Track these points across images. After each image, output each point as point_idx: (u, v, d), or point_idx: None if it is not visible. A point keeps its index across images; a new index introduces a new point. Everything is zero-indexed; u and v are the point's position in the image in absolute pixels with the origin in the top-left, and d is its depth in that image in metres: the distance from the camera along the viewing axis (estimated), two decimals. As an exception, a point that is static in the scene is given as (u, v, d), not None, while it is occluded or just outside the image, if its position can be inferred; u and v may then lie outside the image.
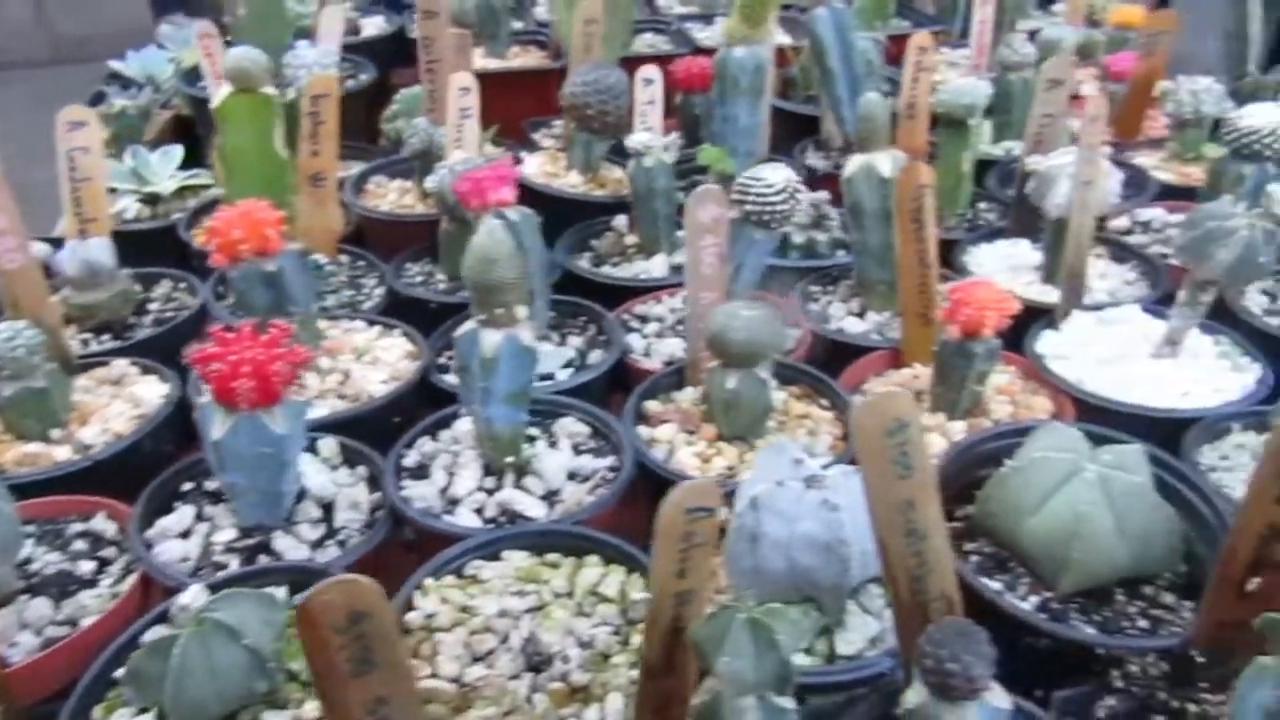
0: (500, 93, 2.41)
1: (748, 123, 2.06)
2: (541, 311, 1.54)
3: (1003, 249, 1.77)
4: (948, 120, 1.84)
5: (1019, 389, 1.42)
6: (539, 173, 2.05)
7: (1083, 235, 1.47)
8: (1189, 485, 1.15)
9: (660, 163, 1.77)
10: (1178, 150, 2.06)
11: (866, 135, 1.53)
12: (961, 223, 1.92)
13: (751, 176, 1.42)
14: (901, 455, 0.85)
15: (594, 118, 1.96)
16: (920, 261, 1.44)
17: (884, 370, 1.50)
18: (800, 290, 1.69)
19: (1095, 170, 1.43)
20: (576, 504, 1.19)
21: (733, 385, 1.27)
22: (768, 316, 1.26)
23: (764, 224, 1.43)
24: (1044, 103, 1.67)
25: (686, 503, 0.77)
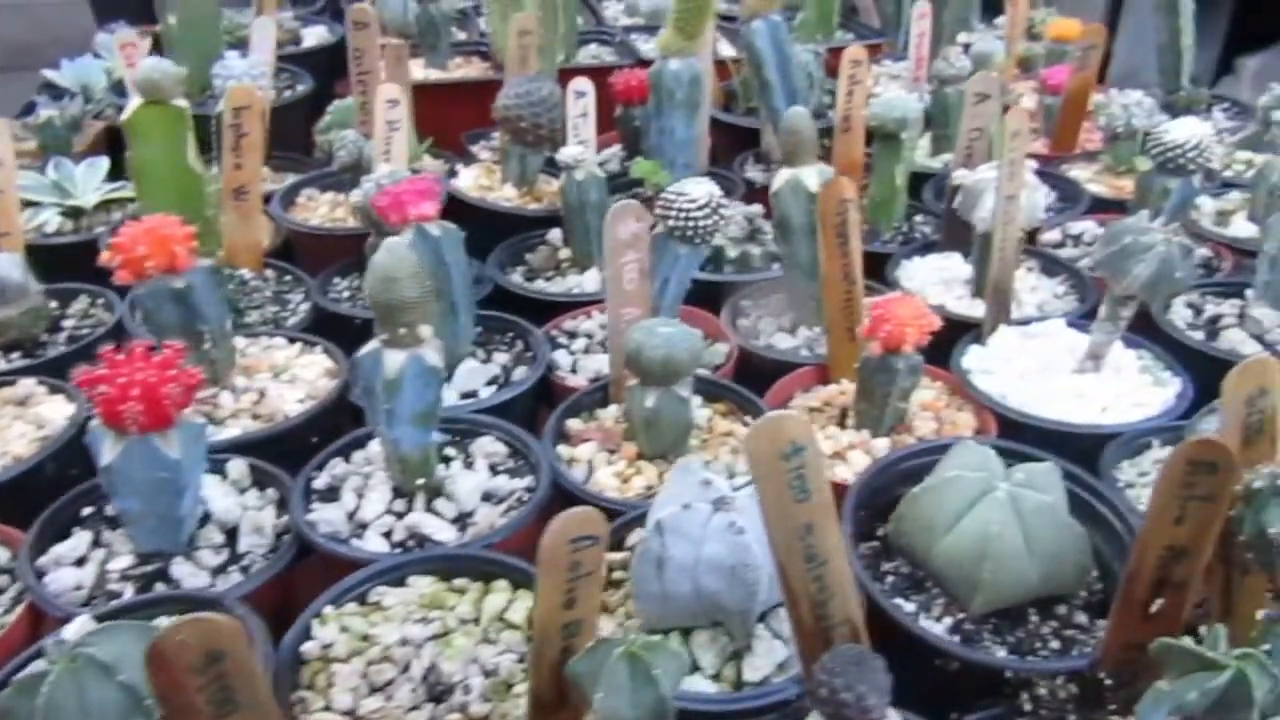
0: (440, 104, 2.40)
1: (685, 135, 2.05)
2: (467, 328, 1.51)
3: (935, 262, 1.76)
4: (881, 134, 1.84)
5: (944, 405, 1.42)
6: (473, 186, 2.02)
7: (1007, 250, 1.47)
8: (1105, 502, 1.15)
9: (592, 176, 1.75)
10: (1111, 163, 2.07)
11: (792, 149, 1.53)
12: (897, 236, 1.92)
13: (675, 191, 1.40)
14: (798, 479, 0.83)
15: (527, 130, 1.94)
16: (845, 276, 1.43)
17: (811, 386, 1.49)
18: (732, 305, 1.68)
19: (1018, 184, 1.43)
20: (489, 527, 1.17)
21: (652, 404, 1.25)
22: (686, 334, 1.24)
23: (687, 239, 1.41)
24: (972, 116, 1.67)
25: (569, 532, 0.75)
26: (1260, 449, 0.92)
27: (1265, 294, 1.49)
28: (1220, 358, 1.42)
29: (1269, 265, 1.48)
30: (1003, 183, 1.41)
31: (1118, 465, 1.26)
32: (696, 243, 1.42)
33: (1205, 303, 1.59)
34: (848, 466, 1.31)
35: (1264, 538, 0.87)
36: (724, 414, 1.41)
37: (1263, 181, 1.76)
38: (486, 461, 1.28)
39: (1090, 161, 2.14)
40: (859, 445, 1.34)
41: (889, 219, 1.90)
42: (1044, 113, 2.29)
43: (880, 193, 1.89)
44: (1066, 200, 2.00)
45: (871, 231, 1.92)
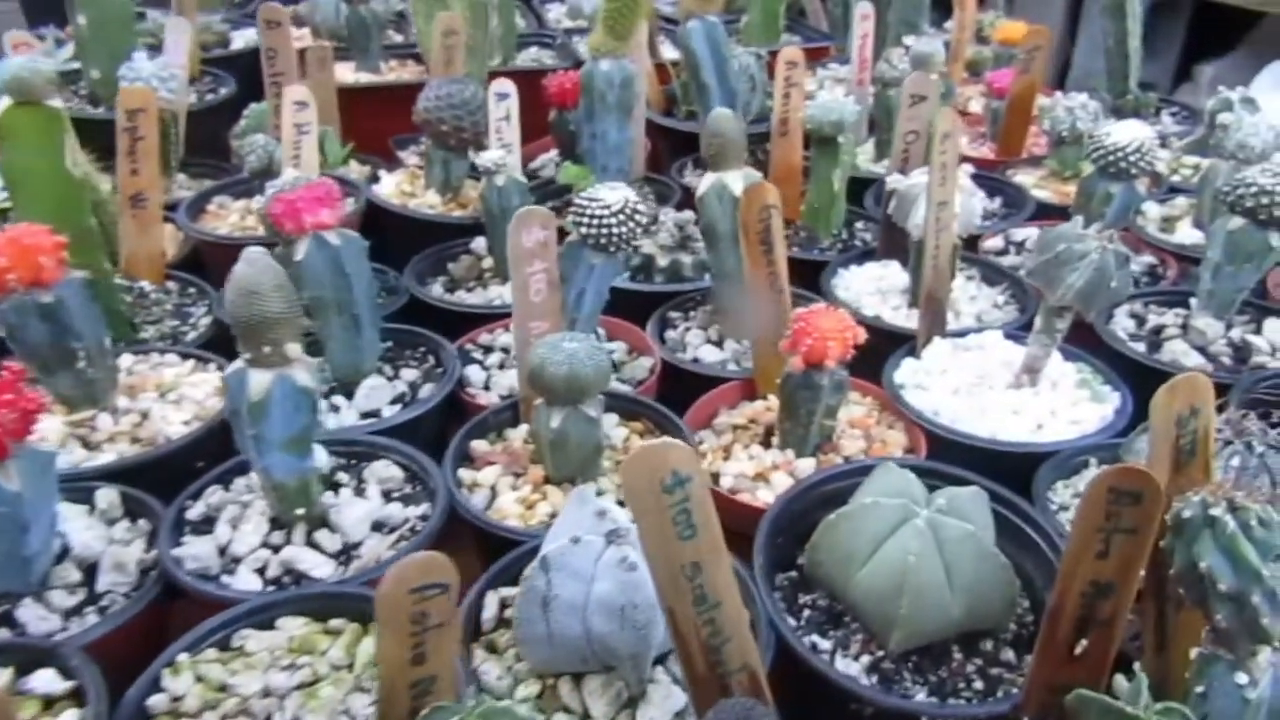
0: (370, 109, 2.30)
1: (617, 140, 1.96)
2: (371, 343, 1.42)
3: (873, 271, 1.69)
4: (818, 137, 1.76)
5: (874, 422, 1.34)
6: (394, 192, 1.93)
7: (941, 258, 1.40)
8: (1036, 528, 1.08)
9: (513, 181, 1.66)
10: (1056, 168, 2.01)
11: (717, 152, 1.45)
12: (836, 244, 1.85)
13: (587, 197, 1.32)
14: (682, 513, 0.75)
15: (449, 134, 1.85)
16: (770, 286, 1.36)
17: (737, 402, 1.41)
18: (659, 317, 1.60)
19: (950, 189, 1.36)
20: (375, 560, 1.07)
21: (557, 424, 1.16)
22: (593, 349, 1.16)
23: (601, 247, 1.33)
24: (908, 119, 1.61)
25: (410, 580, 0.66)
26: (1192, 474, 0.85)
27: (1209, 303, 1.43)
28: (1162, 370, 1.35)
29: (1212, 273, 1.42)
30: (933, 187, 1.34)
31: (1052, 486, 1.19)
32: (611, 251, 1.34)
33: (1149, 313, 1.53)
34: (770, 489, 1.23)
35: (1195, 572, 0.80)
36: (641, 433, 1.33)
37: (1207, 186, 1.70)
38: (380, 488, 1.19)
39: (1036, 167, 2.09)
40: (783, 466, 1.26)
41: (827, 226, 1.83)
42: (990, 117, 2.24)
43: (818, 199, 1.82)
44: (1011, 206, 1.94)
45: (810, 239, 1.85)
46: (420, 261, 1.76)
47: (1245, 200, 1.36)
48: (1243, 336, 1.43)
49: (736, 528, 1.18)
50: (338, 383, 1.41)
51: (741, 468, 1.26)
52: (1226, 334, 1.44)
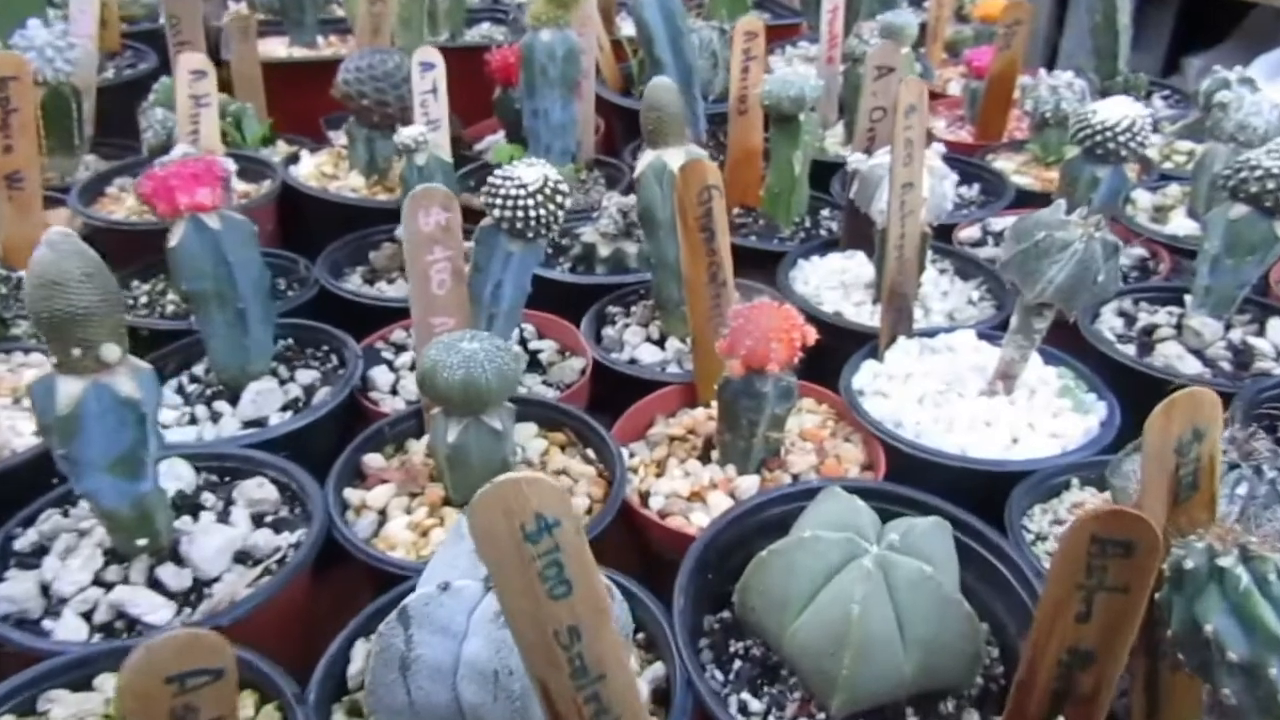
0: (300, 85, 2.12)
1: (561, 118, 1.80)
2: (261, 342, 1.25)
3: (835, 263, 1.53)
4: (777, 115, 1.60)
5: (828, 433, 1.18)
6: (314, 174, 1.76)
7: (906, 247, 1.24)
8: (1008, 562, 0.92)
9: (436, 161, 1.49)
10: (1038, 153, 1.86)
11: (655, 126, 1.28)
12: (797, 233, 1.69)
13: (502, 175, 1.15)
14: (551, 567, 0.59)
15: (370, 109, 1.68)
16: (712, 279, 1.19)
17: (675, 409, 1.25)
18: (596, 312, 1.43)
19: (915, 169, 1.20)
20: (230, 600, 0.91)
21: (455, 438, 1.00)
22: (495, 351, 0.99)
23: (518, 233, 1.16)
24: (873, 93, 1.45)
25: (164, 666, 0.50)
26: (1193, 512, 0.69)
27: (1205, 300, 1.28)
28: (1154, 376, 1.20)
29: (1210, 267, 1.27)
30: (896, 167, 1.18)
31: (1028, 512, 1.03)
32: (530, 237, 1.17)
33: (1139, 311, 1.37)
34: (706, 511, 1.07)
35: (1198, 635, 0.64)
36: (563, 445, 1.16)
37: (1203, 172, 1.55)
38: (249, 511, 1.02)
39: (1017, 151, 1.93)
40: (722, 485, 1.10)
41: (788, 213, 1.67)
42: (969, 98, 2.08)
43: (778, 183, 1.66)
44: (989, 194, 1.78)
45: (769, 227, 1.68)
46: (337, 250, 1.59)
47: (1249, 185, 1.20)
48: (1244, 338, 1.28)
49: (669, 556, 1.03)
50: (223, 386, 1.25)
51: (675, 486, 1.10)
52: (1225, 335, 1.28)
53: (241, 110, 1.87)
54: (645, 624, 0.89)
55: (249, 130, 1.87)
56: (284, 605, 0.95)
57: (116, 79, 2.14)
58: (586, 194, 1.88)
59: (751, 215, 1.73)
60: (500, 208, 1.15)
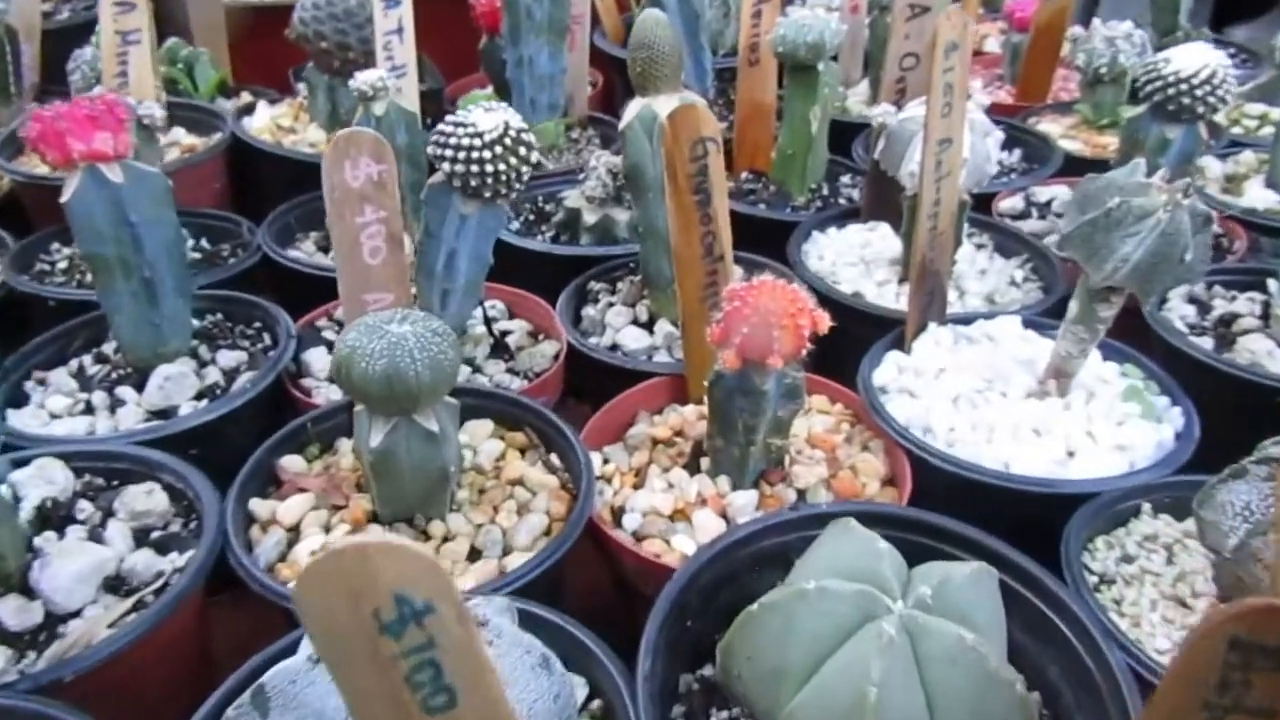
0: (268, 32, 1.92)
1: (549, 69, 1.60)
2: (175, 317, 1.06)
3: (856, 235, 1.33)
4: (792, 65, 1.39)
5: (842, 439, 0.98)
6: (269, 127, 1.56)
7: (941, 217, 1.04)
8: (1065, 615, 0.72)
9: (398, 110, 1.29)
10: (1089, 115, 1.64)
11: (644, 69, 1.08)
12: (813, 201, 1.48)
13: (454, 122, 0.95)
14: (423, 669, 0.40)
15: (330, 53, 1.48)
16: (706, 251, 0.99)
17: (662, 406, 1.05)
18: (576, 288, 1.24)
19: (954, 124, 0.99)
20: (86, 643, 0.72)
21: (380, 443, 0.81)
22: (430, 336, 0.80)
23: (474, 192, 0.97)
24: (905, 35, 1.23)
25: None
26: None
27: (1298, 285, 1.07)
28: (1238, 376, 0.99)
29: (1304, 245, 1.06)
30: (932, 120, 0.97)
31: (1089, 544, 0.83)
32: (487, 196, 0.98)
33: (1213, 296, 1.17)
34: (691, 533, 0.88)
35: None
36: (522, 449, 0.97)
37: (1287, 136, 1.33)
38: (130, 525, 0.84)
39: (1064, 113, 1.71)
40: (711, 501, 0.90)
41: (802, 178, 1.46)
42: (1009, 54, 1.86)
43: (792, 143, 1.45)
44: (1033, 160, 1.56)
45: (780, 194, 1.48)
46: (288, 212, 1.39)
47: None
48: (1344, 331, 1.07)
49: (644, 589, 0.84)
50: (131, 369, 1.06)
51: (654, 501, 0.91)
52: (1321, 327, 1.08)
53: (194, 56, 1.68)
54: (603, 689, 0.70)
55: (202, 78, 1.68)
56: (163, 647, 0.76)
57: (71, 20, 1.95)
58: (577, 154, 1.68)
59: (761, 181, 1.53)
60: (451, 160, 0.95)
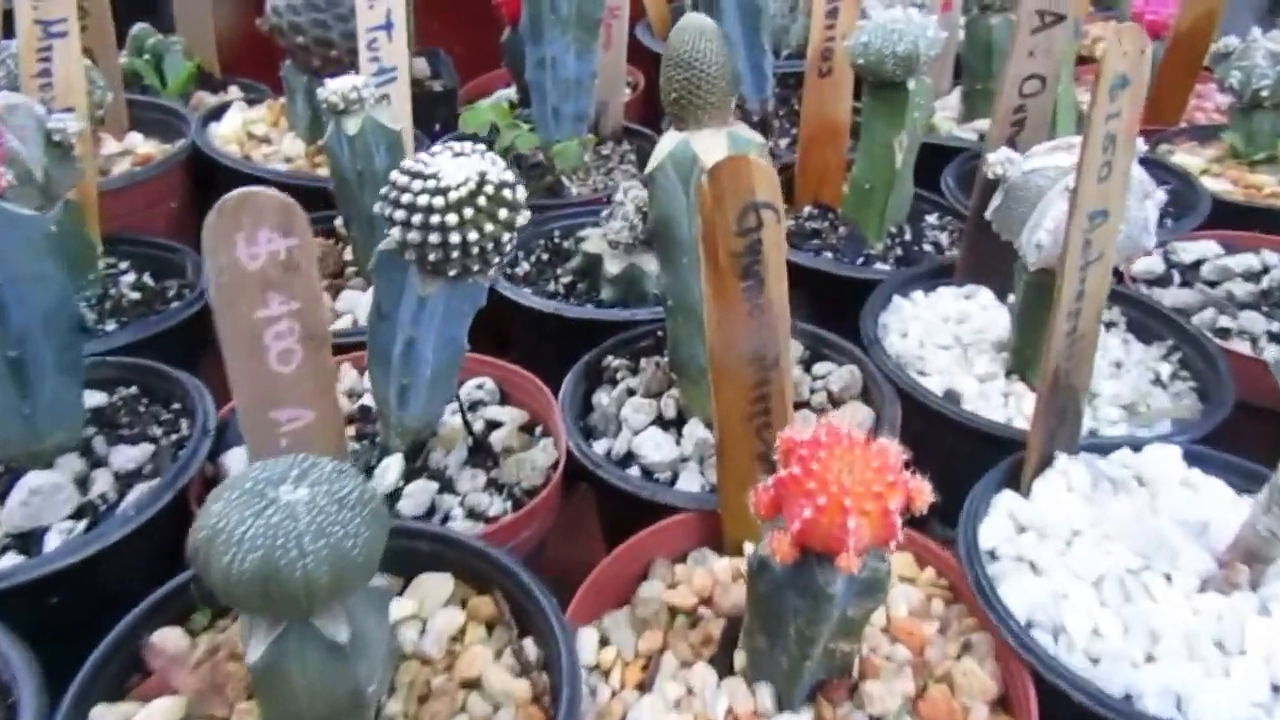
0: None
1: (576, 71, 1.32)
2: (62, 401, 0.81)
3: (949, 304, 1.04)
4: (875, 81, 1.11)
5: (936, 628, 0.70)
6: (238, 135, 1.31)
7: (1085, 315, 0.75)
8: None
9: (378, 129, 1.03)
10: (1239, 145, 1.33)
11: (682, 94, 0.80)
12: (893, 249, 1.20)
13: (411, 171, 0.69)
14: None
15: (310, 50, 1.22)
16: (756, 356, 0.72)
17: (687, 550, 0.78)
18: (588, 365, 0.97)
19: (1115, 191, 0.70)
20: None
21: (260, 658, 0.55)
22: (341, 504, 0.53)
23: (436, 268, 0.70)
24: (1027, 54, 0.94)
25: None
26: None
27: None
28: None
29: None
30: (1085, 185, 0.68)
31: None
32: (454, 274, 0.71)
33: None
34: (715, 778, 0.61)
35: None
36: (489, 623, 0.71)
37: None
38: (-86, 747, 0.59)
39: (1203, 141, 1.40)
40: (746, 723, 0.63)
41: (880, 220, 1.18)
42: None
43: (868, 174, 1.16)
44: (1170, 203, 1.26)
45: (852, 239, 1.19)
46: (248, 245, 1.14)
47: None
48: None
49: None
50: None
51: (664, 719, 0.64)
52: None
53: (163, 45, 1.43)
54: None
55: (172, 71, 1.43)
56: None
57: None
58: (609, 174, 1.40)
59: (828, 218, 1.24)
60: (404, 225, 0.68)
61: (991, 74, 1.43)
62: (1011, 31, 1.32)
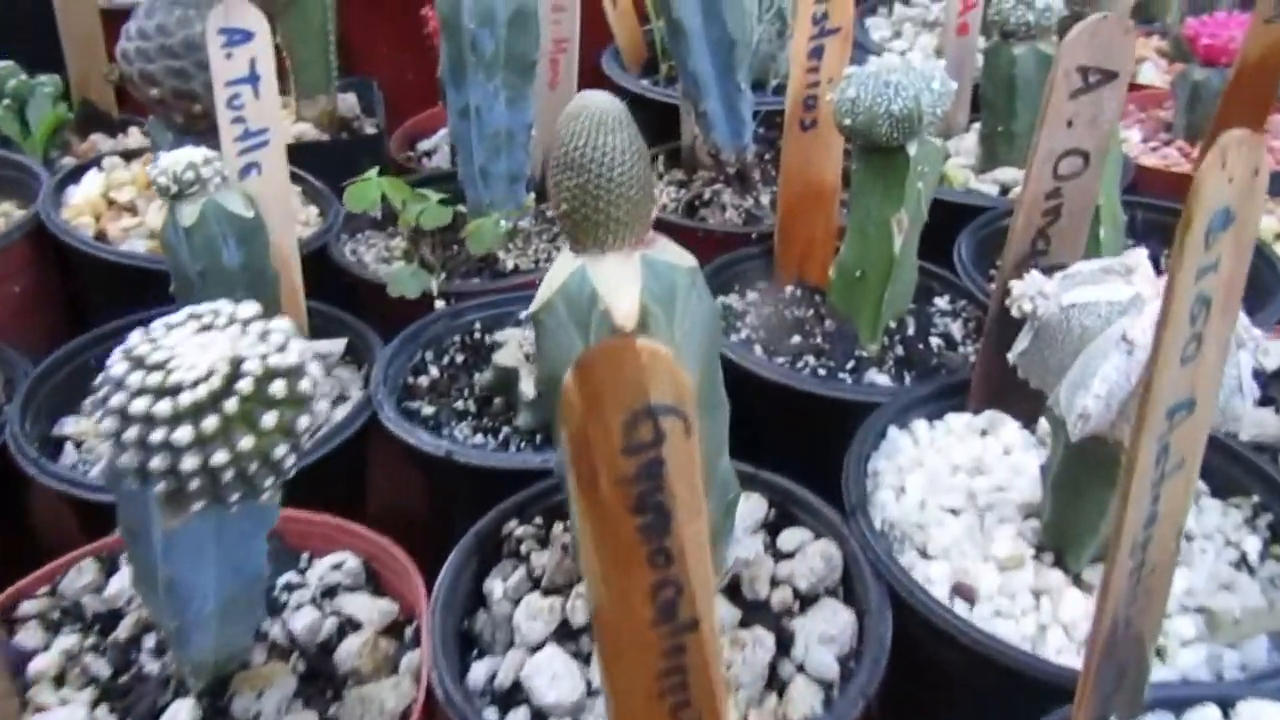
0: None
1: (509, 122, 1.08)
2: None
3: (960, 445, 0.80)
4: (864, 144, 0.86)
5: None
6: (92, 203, 1.08)
7: (1157, 548, 0.50)
8: None
9: (223, 217, 0.81)
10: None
11: (575, 208, 0.56)
12: (889, 351, 0.95)
13: (132, 356, 0.46)
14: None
15: (168, 104, 0.99)
16: (662, 614, 0.48)
17: None
18: (479, 538, 0.73)
19: (1207, 375, 0.46)
20: None
21: None
22: None
23: (176, 496, 0.47)
24: (1064, 124, 0.70)
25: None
26: None
27: None
28: None
29: None
30: (1162, 369, 0.44)
31: None
32: (199, 507, 0.47)
33: None
34: None
35: None
36: None
37: None
38: None
39: (1276, 196, 1.15)
40: None
41: (875, 315, 0.93)
42: (1186, 96, 1.29)
43: (860, 259, 0.92)
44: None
45: (840, 335, 0.95)
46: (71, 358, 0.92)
47: None
48: None
49: None
50: None
51: None
52: None
53: (26, 88, 1.20)
54: None
55: (36, 117, 1.20)
56: None
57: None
58: (553, 241, 1.17)
59: (813, 303, 1.00)
60: (115, 440, 0.45)
61: (1015, 114, 1.19)
62: (1042, 71, 1.08)
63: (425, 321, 0.97)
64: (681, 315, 0.58)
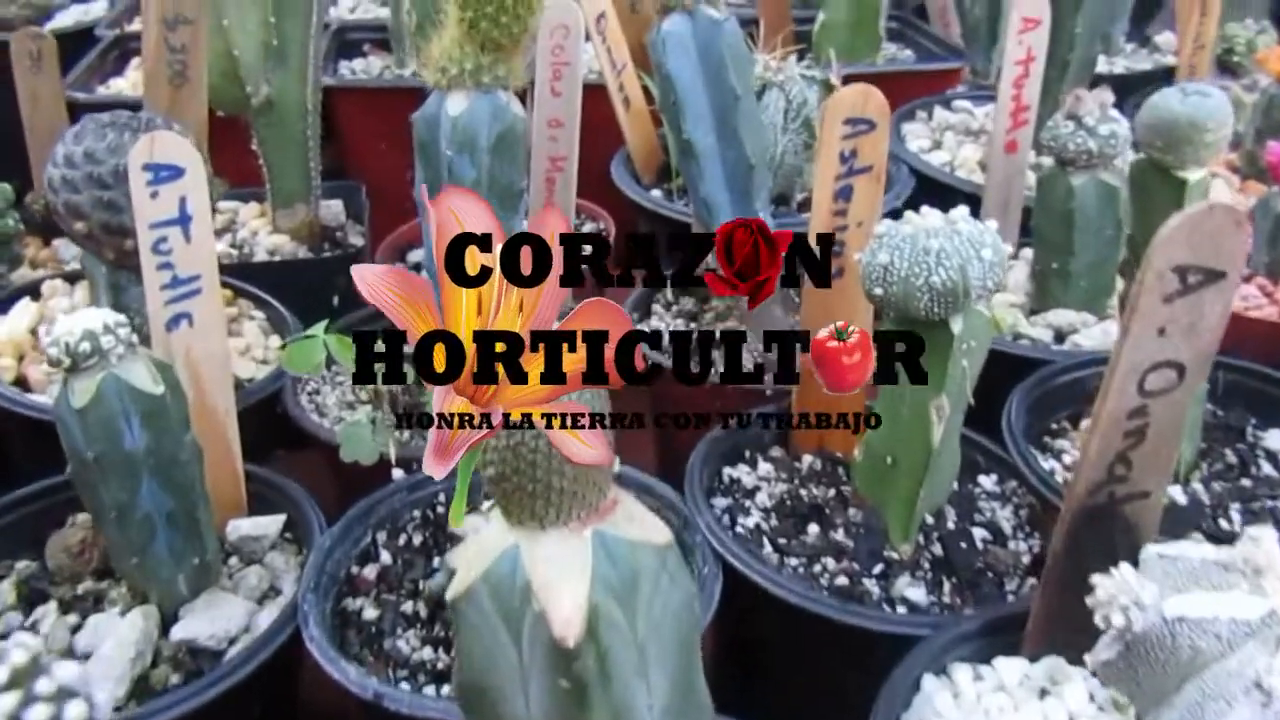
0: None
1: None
2: None
3: (1015, 703, 0.64)
4: (900, 317, 0.72)
5: None
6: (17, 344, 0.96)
7: None
8: None
9: (124, 393, 0.68)
10: None
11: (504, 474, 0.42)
12: (925, 549, 0.79)
13: None
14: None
15: (97, 239, 0.87)
16: None
17: None
18: None
19: None
20: None
21: None
22: None
23: None
24: (1155, 332, 0.55)
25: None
26: None
27: None
28: None
29: None
30: None
31: None
32: None
33: None
34: None
35: None
36: None
37: None
38: None
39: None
40: None
41: (908, 511, 0.78)
42: (1268, 228, 1.14)
43: (890, 447, 0.77)
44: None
45: (866, 529, 0.80)
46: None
47: None
48: None
49: None
50: None
51: None
52: None
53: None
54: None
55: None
56: None
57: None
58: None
59: (835, 483, 0.85)
60: None
61: (1074, 251, 1.04)
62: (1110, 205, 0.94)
63: (379, 497, 0.83)
64: (647, 607, 0.44)
